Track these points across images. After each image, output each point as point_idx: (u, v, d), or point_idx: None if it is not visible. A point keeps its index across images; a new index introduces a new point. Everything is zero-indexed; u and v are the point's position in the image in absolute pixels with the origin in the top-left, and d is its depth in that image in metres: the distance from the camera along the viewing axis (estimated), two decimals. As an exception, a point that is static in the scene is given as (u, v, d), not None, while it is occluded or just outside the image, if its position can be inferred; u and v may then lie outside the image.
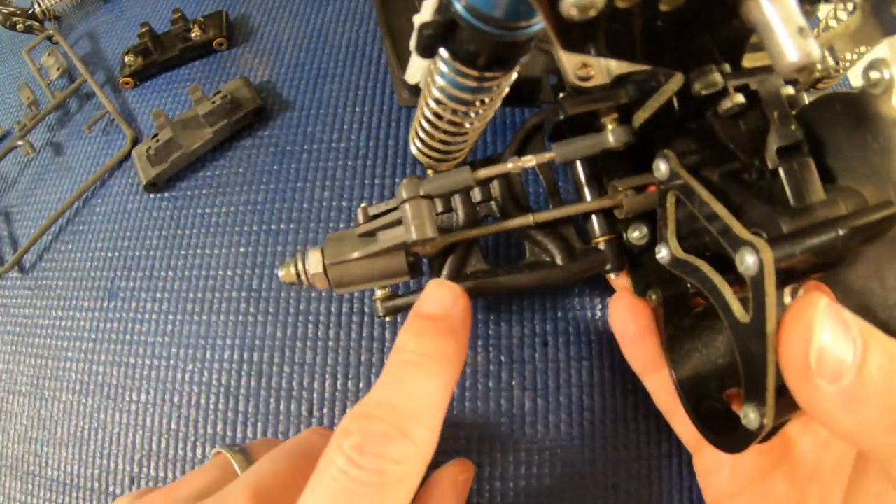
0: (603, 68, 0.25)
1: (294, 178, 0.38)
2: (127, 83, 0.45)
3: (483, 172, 0.24)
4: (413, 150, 0.26)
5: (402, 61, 0.30)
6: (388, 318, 0.28)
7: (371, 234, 0.25)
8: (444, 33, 0.18)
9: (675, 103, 0.22)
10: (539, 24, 0.18)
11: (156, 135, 0.38)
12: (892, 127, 0.18)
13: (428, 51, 0.19)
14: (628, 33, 0.16)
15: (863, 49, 0.25)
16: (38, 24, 0.49)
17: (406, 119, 0.39)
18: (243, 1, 0.48)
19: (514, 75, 0.21)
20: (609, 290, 0.33)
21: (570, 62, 0.25)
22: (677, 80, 0.21)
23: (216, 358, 0.34)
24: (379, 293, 0.27)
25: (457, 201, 0.27)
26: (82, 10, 0.52)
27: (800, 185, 0.19)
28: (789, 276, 0.18)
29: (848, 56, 0.24)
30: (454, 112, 0.23)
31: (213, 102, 0.39)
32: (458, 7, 0.17)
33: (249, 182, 0.38)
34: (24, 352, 0.38)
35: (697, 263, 0.20)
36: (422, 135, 0.25)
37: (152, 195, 0.39)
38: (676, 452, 0.30)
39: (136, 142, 0.42)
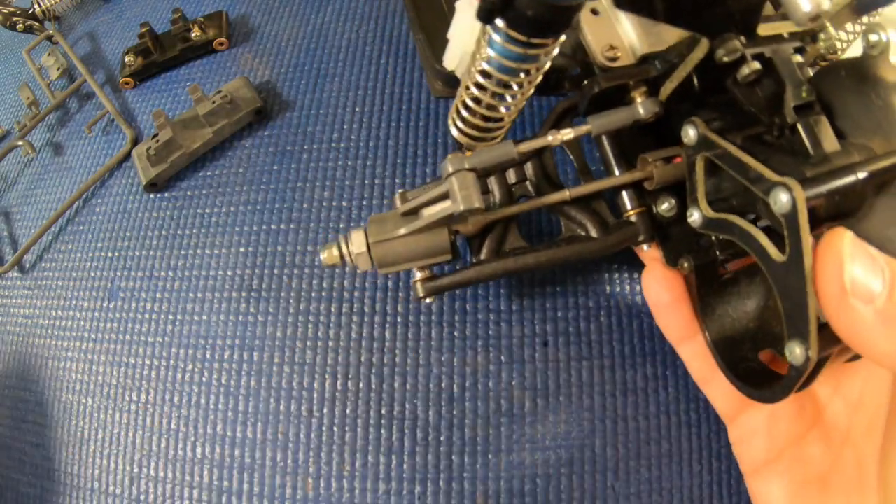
0: (628, 50, 0.27)
1: (294, 178, 0.38)
2: (127, 83, 0.45)
3: (525, 146, 0.25)
4: (454, 132, 0.27)
5: (437, 53, 0.31)
6: (428, 300, 0.28)
7: (414, 213, 0.26)
8: (505, 0, 0.20)
9: (696, 80, 0.24)
10: None
11: (156, 135, 0.38)
12: (891, 84, 0.20)
13: (489, 16, 0.21)
14: None
15: (857, 28, 0.26)
16: (38, 24, 0.49)
17: (405, 120, 0.39)
18: (243, 1, 0.48)
19: (557, 48, 0.23)
20: (610, 290, 0.33)
21: (598, 45, 0.26)
22: (703, 47, 0.22)
23: (216, 358, 0.34)
24: (418, 275, 0.27)
25: (492, 183, 0.28)
26: (82, 10, 0.52)
27: (817, 137, 0.21)
28: (814, 219, 0.19)
29: (843, 35, 0.25)
30: (500, 84, 0.24)
31: (213, 102, 0.39)
32: None
33: (249, 182, 0.38)
34: (24, 352, 0.38)
35: (730, 218, 0.22)
36: (465, 114, 0.26)
37: (152, 195, 0.39)
38: (676, 452, 0.30)
39: (136, 142, 0.42)
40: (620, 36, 0.26)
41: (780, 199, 0.18)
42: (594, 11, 0.27)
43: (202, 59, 0.45)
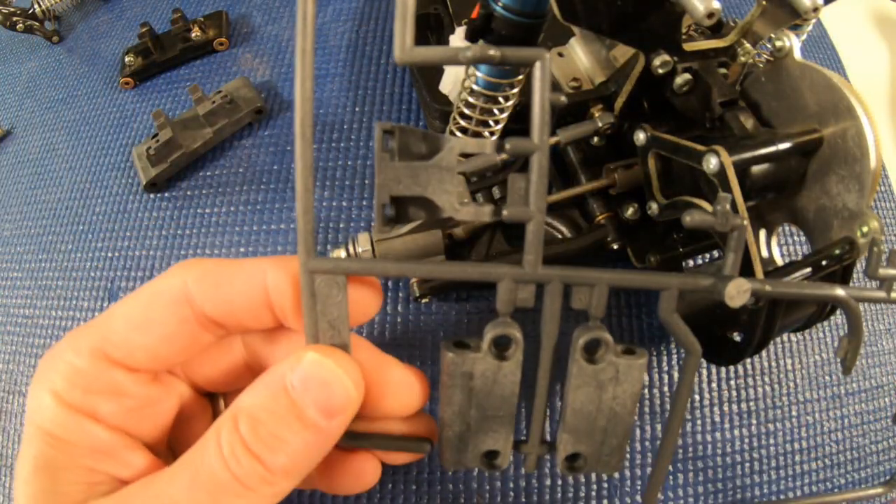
0: (587, 79, 0.32)
1: (294, 178, 0.38)
2: (127, 83, 0.45)
3: (505, 154, 0.28)
4: None
5: (435, 97, 0.36)
6: (425, 300, 0.31)
7: None
8: (485, 23, 0.26)
9: (644, 99, 0.29)
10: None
11: (156, 135, 0.38)
12: (798, 77, 0.24)
13: (475, 35, 0.27)
14: (600, 10, 0.24)
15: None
16: (37, 23, 0.49)
17: (406, 120, 0.39)
18: (243, 1, 0.48)
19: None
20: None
21: (564, 78, 0.32)
22: (640, 62, 0.27)
23: (216, 358, 0.34)
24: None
25: (480, 198, 0.32)
26: (82, 10, 0.52)
27: (741, 122, 0.25)
28: (752, 186, 0.23)
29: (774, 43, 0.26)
30: (486, 100, 0.29)
31: (213, 102, 0.39)
32: (496, 6, 0.25)
33: (249, 182, 0.38)
34: (24, 352, 0.38)
35: (679, 198, 0.26)
36: (458, 134, 0.31)
37: (152, 195, 0.39)
38: (676, 451, 0.30)
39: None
40: (581, 70, 0.33)
41: (711, 163, 0.22)
42: (560, 54, 0.33)
43: (202, 59, 0.45)
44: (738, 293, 0.17)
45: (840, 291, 0.19)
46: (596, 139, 0.31)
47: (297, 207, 0.17)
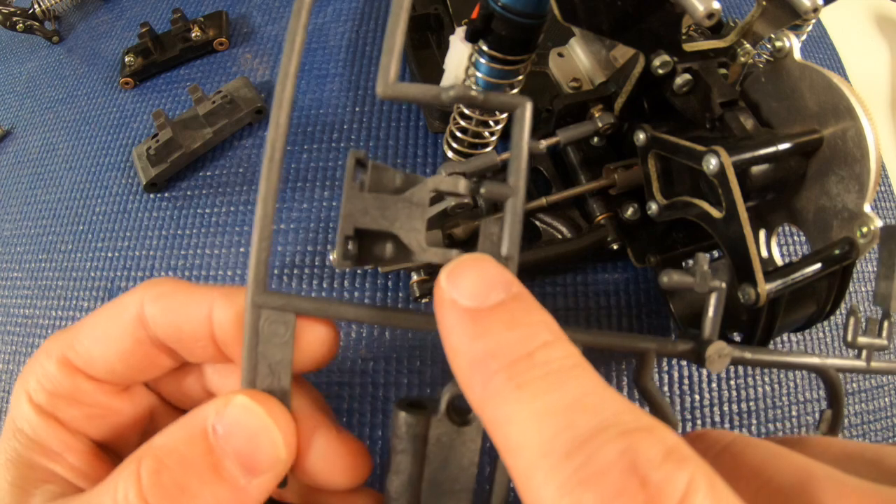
0: (587, 79, 0.32)
1: (294, 178, 0.38)
2: (127, 83, 0.45)
3: (504, 155, 0.29)
4: (449, 154, 0.33)
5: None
6: (425, 300, 0.31)
7: None
8: (485, 23, 0.26)
9: (644, 99, 0.29)
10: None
11: (156, 135, 0.38)
12: (798, 78, 0.24)
13: (475, 36, 0.27)
14: (600, 11, 0.24)
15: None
16: (38, 23, 0.49)
17: (405, 120, 0.39)
18: (243, 1, 0.48)
19: (529, 67, 0.29)
20: (610, 291, 0.33)
21: (564, 79, 0.33)
22: (640, 62, 0.27)
23: (216, 358, 0.34)
24: (415, 277, 0.31)
25: (480, 199, 0.31)
26: (82, 10, 0.52)
27: (740, 122, 0.25)
28: (751, 185, 0.23)
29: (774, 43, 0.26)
30: None
31: (213, 102, 0.39)
32: (496, 7, 0.26)
33: (249, 182, 0.38)
34: (24, 352, 0.38)
35: (678, 199, 0.26)
36: (458, 134, 0.31)
37: (152, 195, 0.39)
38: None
39: None
40: (581, 70, 0.33)
41: (711, 163, 0.22)
42: (560, 54, 0.33)
43: (202, 59, 0.45)
44: (718, 358, 0.17)
45: (819, 361, 0.19)
46: (596, 139, 0.31)
47: (254, 234, 0.15)
